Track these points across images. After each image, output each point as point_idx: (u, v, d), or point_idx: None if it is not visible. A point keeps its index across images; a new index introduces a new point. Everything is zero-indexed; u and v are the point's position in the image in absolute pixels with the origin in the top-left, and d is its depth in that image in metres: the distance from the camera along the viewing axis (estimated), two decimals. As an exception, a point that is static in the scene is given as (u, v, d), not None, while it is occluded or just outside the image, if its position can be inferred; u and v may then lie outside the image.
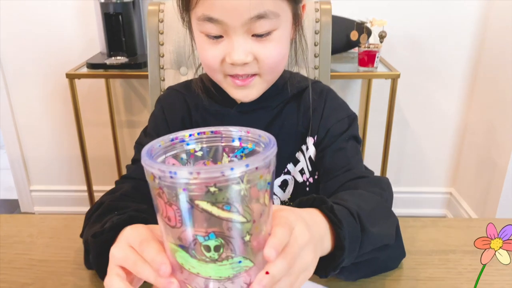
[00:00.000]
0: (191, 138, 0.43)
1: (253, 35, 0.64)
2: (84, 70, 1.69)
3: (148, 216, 0.56)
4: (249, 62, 0.65)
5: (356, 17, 1.69)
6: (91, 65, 1.68)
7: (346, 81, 1.98)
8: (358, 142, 0.76)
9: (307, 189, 0.78)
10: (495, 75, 1.83)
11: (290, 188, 0.79)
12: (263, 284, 0.37)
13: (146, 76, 1.56)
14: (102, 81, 1.96)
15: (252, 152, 0.42)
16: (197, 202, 0.35)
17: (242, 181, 0.35)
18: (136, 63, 1.68)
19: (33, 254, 0.68)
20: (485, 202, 1.90)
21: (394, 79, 1.64)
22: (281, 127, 0.77)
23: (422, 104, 2.02)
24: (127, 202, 0.63)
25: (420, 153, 2.12)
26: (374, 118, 2.01)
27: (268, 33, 0.64)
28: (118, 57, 1.71)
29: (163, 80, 1.19)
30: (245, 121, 0.70)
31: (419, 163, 2.14)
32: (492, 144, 1.84)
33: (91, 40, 1.91)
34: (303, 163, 0.78)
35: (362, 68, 1.65)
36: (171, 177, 0.34)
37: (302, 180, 0.78)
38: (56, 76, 1.99)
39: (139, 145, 0.77)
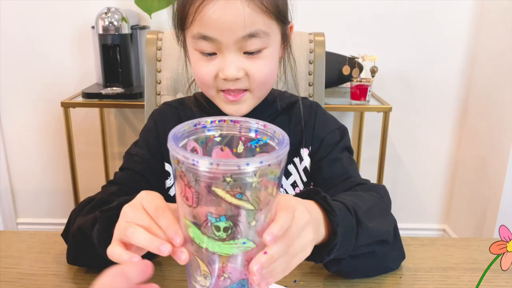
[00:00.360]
0: (212, 125, 0.46)
1: (244, 53, 0.68)
2: (80, 99, 1.70)
3: None
4: (240, 78, 0.68)
5: (348, 52, 1.74)
6: (87, 95, 1.69)
7: (339, 115, 2.00)
8: (351, 153, 0.79)
9: None
10: (484, 111, 1.87)
11: None
12: (261, 262, 0.41)
13: (141, 106, 1.58)
14: (96, 113, 1.97)
15: (265, 145, 0.46)
16: (213, 188, 0.39)
17: (255, 175, 0.38)
18: (131, 94, 1.69)
19: (22, 268, 0.66)
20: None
21: (386, 112, 1.67)
22: None
23: (414, 140, 2.04)
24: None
25: (413, 189, 2.13)
26: (367, 154, 2.02)
27: (258, 51, 0.68)
28: (114, 88, 1.72)
29: (159, 105, 1.20)
30: None
31: (412, 199, 2.14)
32: (484, 180, 1.85)
33: (87, 71, 1.93)
34: (295, 176, 0.79)
35: (354, 102, 1.68)
36: (194, 164, 0.38)
37: (294, 193, 0.78)
38: (50, 107, 1.99)
39: (128, 155, 0.78)
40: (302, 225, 0.46)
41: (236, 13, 0.63)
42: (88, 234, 0.56)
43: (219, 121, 0.46)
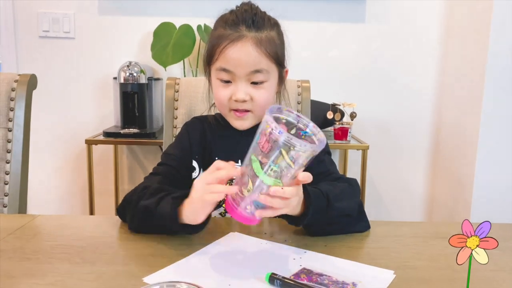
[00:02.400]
0: (291, 113, 0.74)
1: (251, 83, 0.96)
2: (101, 138, 1.97)
3: None
4: (247, 101, 0.96)
5: (331, 100, 2.06)
6: (107, 134, 1.96)
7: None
8: (330, 155, 1.05)
9: None
10: (452, 153, 2.16)
11: None
12: (274, 190, 0.68)
13: (153, 144, 1.85)
14: (110, 153, 2.23)
15: (309, 136, 0.74)
16: (282, 149, 0.66)
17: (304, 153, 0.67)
18: (146, 133, 1.97)
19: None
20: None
21: (364, 150, 1.96)
22: None
23: (391, 177, 2.32)
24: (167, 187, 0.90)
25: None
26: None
27: (261, 82, 0.96)
28: (131, 129, 2.00)
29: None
30: (242, 141, 0.92)
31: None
32: (456, 217, 2.10)
33: (105, 116, 2.22)
34: None
35: (337, 141, 1.97)
36: (279, 132, 0.65)
37: None
38: (70, 148, 2.26)
39: (165, 154, 1.04)
40: (300, 197, 0.76)
41: (248, 55, 0.92)
42: (153, 211, 0.82)
43: (296, 114, 0.74)
